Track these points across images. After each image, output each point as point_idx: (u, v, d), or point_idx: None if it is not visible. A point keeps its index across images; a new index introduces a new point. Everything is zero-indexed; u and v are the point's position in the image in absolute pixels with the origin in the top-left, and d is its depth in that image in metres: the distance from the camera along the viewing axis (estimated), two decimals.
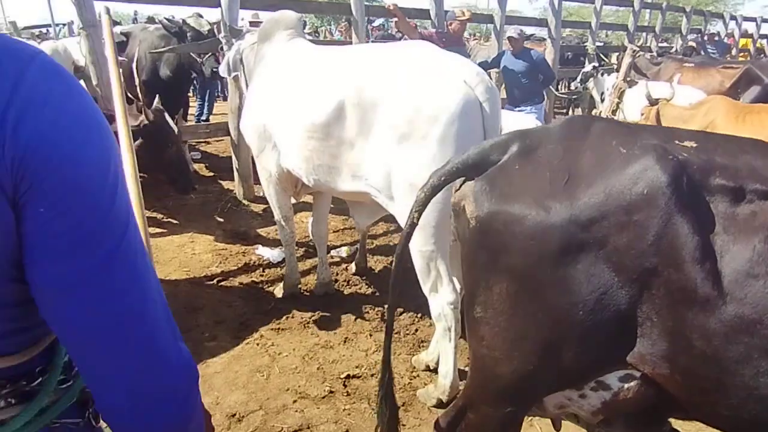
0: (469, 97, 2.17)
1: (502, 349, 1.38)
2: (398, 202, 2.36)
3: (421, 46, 2.45)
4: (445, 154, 2.12)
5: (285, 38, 3.07)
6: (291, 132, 2.71)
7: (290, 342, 3.08)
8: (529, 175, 1.30)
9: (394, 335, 3.16)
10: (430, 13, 6.38)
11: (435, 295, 2.42)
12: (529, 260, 1.27)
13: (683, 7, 11.70)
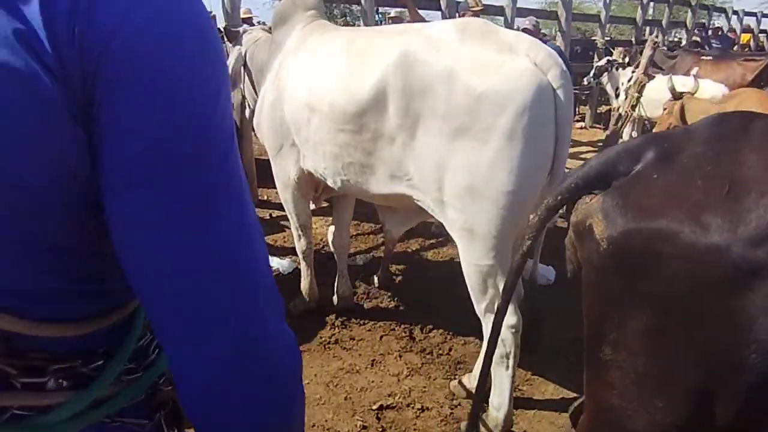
0: (541, 82, 1.78)
1: (638, 400, 1.12)
2: (451, 208, 1.98)
3: (477, 21, 2.04)
4: (513, 151, 1.78)
5: (306, 20, 2.66)
6: (316, 126, 2.31)
7: (311, 366, 2.72)
8: (675, 185, 1.05)
9: (425, 356, 2.84)
10: (440, 3, 6.06)
11: (491, 317, 2.06)
12: (681, 288, 1.00)
13: (689, 1, 11.49)
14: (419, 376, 2.67)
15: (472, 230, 1.94)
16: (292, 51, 2.59)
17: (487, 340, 2.14)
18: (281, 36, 2.74)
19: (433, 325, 3.06)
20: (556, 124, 1.84)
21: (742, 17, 14.60)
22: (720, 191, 0.99)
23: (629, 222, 1.06)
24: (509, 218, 1.88)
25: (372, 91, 2.03)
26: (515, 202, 1.85)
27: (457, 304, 3.17)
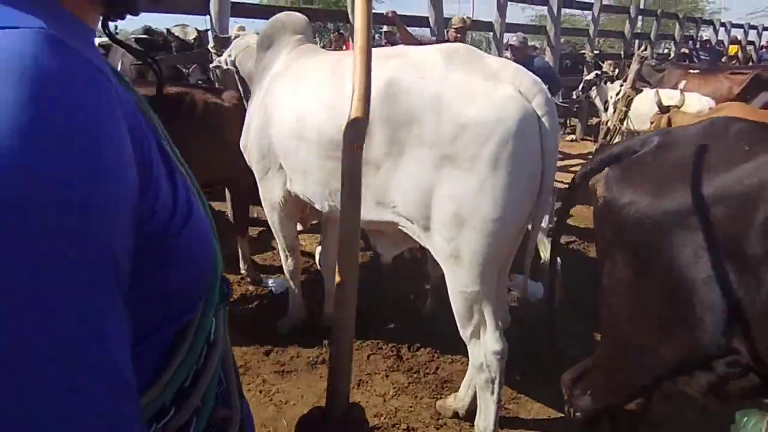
0: (526, 110, 1.78)
1: (625, 315, 1.58)
2: (437, 236, 1.96)
3: (464, 47, 2.04)
4: (498, 180, 1.78)
5: (293, 44, 2.66)
6: (305, 153, 2.31)
7: (297, 387, 2.72)
8: (659, 165, 1.48)
9: (411, 375, 2.84)
10: (429, 20, 6.11)
11: (477, 342, 2.07)
12: (645, 237, 1.43)
13: (676, 14, 11.61)
14: (406, 395, 2.67)
15: (459, 257, 1.93)
16: (279, 75, 2.59)
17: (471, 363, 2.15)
18: (268, 58, 2.74)
19: (420, 344, 3.07)
20: (541, 151, 1.84)
21: (730, 29, 14.76)
22: (687, 172, 1.36)
23: (617, 188, 1.51)
24: (495, 246, 1.88)
25: None
26: (501, 230, 1.85)
27: (444, 324, 3.18)
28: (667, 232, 1.37)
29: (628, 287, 1.52)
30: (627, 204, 1.46)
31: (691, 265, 1.33)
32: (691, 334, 1.38)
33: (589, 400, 1.73)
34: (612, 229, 1.54)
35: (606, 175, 1.58)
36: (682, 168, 1.40)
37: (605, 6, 9.81)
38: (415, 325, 3.22)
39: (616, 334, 1.62)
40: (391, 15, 5.39)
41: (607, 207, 1.54)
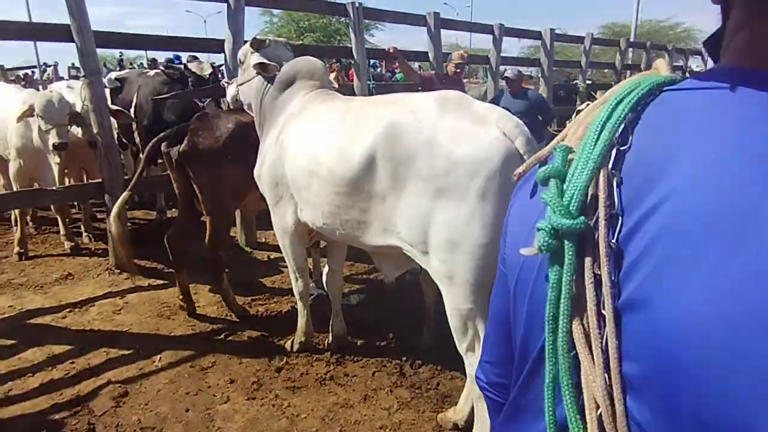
0: (509, 149, 2.05)
1: None
2: (434, 258, 2.23)
3: (454, 95, 2.33)
4: (486, 209, 2.04)
5: (309, 88, 2.94)
6: (316, 189, 2.58)
7: (308, 401, 2.92)
8: None
9: (414, 390, 3.04)
10: (428, 55, 6.43)
11: (472, 355, 2.29)
12: None
13: (665, 45, 12.03)
14: (409, 409, 2.86)
15: (453, 278, 2.18)
16: (294, 115, 2.86)
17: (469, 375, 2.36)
18: (286, 96, 3.00)
19: (422, 361, 3.27)
20: None
21: None
22: None
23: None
24: (485, 267, 2.10)
25: (364, 158, 2.31)
26: (489, 253, 2.08)
27: (444, 342, 3.39)
28: None
29: None
30: None
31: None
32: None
33: None
34: None
35: None
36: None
37: (596, 39, 10.21)
38: (417, 344, 3.42)
39: None
40: (393, 51, 5.71)
41: None
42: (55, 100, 4.34)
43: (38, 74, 15.86)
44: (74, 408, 2.83)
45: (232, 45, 4.50)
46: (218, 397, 2.93)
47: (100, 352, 3.35)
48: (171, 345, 3.44)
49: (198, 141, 3.49)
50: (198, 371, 3.17)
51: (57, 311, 3.89)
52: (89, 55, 3.82)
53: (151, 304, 4.00)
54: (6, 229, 5.66)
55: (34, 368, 3.18)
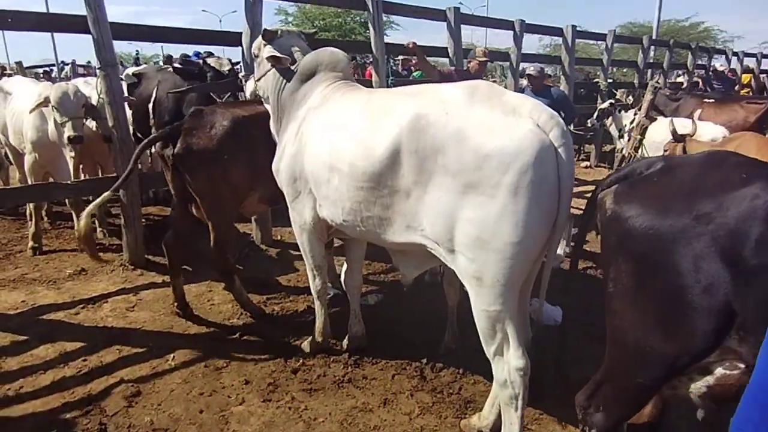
0: (543, 142, 1.92)
1: (629, 320, 1.69)
2: (461, 257, 2.10)
3: (484, 84, 2.21)
4: (518, 206, 1.91)
5: (331, 79, 2.83)
6: (336, 184, 2.47)
7: (325, 405, 2.81)
8: (665, 184, 1.67)
9: (436, 395, 2.91)
10: (448, 51, 6.31)
11: (500, 359, 2.17)
12: (648, 246, 1.59)
13: (689, 44, 11.76)
14: (430, 414, 2.74)
15: (481, 278, 2.06)
16: (315, 108, 2.75)
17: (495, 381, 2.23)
18: (306, 89, 2.89)
19: (443, 364, 3.14)
20: (558, 180, 1.97)
21: (742, 58, 14.88)
22: (687, 191, 1.57)
23: (625, 201, 1.69)
24: (515, 267, 1.99)
25: (389, 152, 2.19)
26: (521, 252, 1.97)
27: (466, 344, 3.26)
28: (670, 242, 1.53)
29: (631, 292, 1.66)
30: (633, 216, 1.64)
31: (691, 272, 1.48)
32: (690, 337, 1.51)
33: (601, 416, 1.83)
34: (617, 238, 1.70)
35: (614, 190, 1.77)
36: (685, 187, 1.59)
37: (618, 36, 10.00)
38: (435, 346, 3.30)
39: (621, 339, 1.73)
40: (412, 46, 5.59)
41: (614, 218, 1.71)
42: (71, 92, 4.29)
43: (56, 72, 15.99)
44: (86, 407, 2.75)
45: (250, 38, 4.40)
46: (233, 399, 2.83)
47: (113, 349, 3.28)
48: (185, 343, 3.36)
49: (192, 141, 3.27)
50: (212, 371, 3.08)
51: (70, 307, 3.82)
52: (105, 46, 3.74)
53: (165, 301, 3.91)
54: (21, 223, 5.63)
55: (46, 365, 3.11)
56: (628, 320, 1.69)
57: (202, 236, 3.72)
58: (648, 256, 1.59)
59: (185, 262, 3.72)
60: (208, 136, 3.29)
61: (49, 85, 4.58)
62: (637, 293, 1.64)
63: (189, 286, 4.20)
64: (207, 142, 3.26)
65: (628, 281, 1.66)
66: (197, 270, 4.53)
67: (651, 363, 1.64)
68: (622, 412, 1.82)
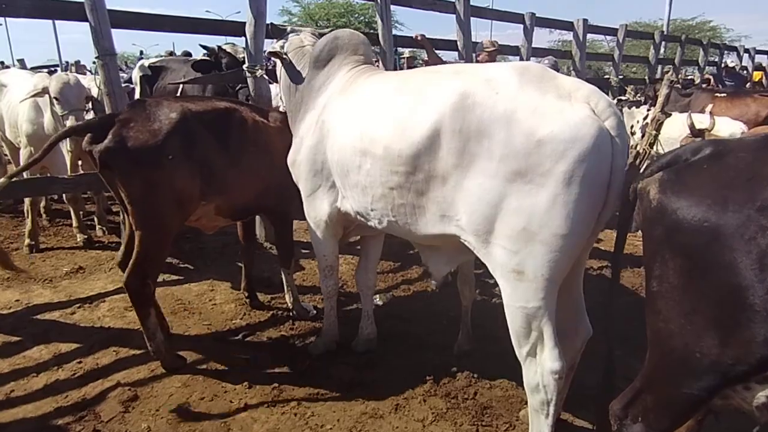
0: (601, 129, 1.77)
1: (676, 322, 1.50)
2: (500, 249, 1.93)
3: (536, 66, 2.03)
4: (570, 196, 1.76)
5: (353, 63, 2.67)
6: (368, 169, 2.30)
7: (333, 411, 2.64)
8: (715, 172, 1.47)
9: (450, 400, 2.74)
10: (457, 44, 6.14)
11: (533, 360, 2.00)
12: (701, 240, 1.41)
13: (700, 40, 11.57)
14: (445, 421, 2.58)
15: (523, 272, 1.90)
16: (338, 93, 2.60)
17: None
18: (324, 75, 2.73)
19: (457, 367, 2.97)
20: (611, 170, 1.82)
21: (754, 55, 14.67)
22: (745, 180, 1.39)
23: (674, 190, 1.51)
24: (561, 260, 1.85)
25: (429, 132, 2.02)
26: (568, 246, 1.83)
27: (481, 346, 3.09)
28: (728, 237, 1.36)
29: (681, 291, 1.49)
30: (684, 207, 1.47)
31: (754, 270, 1.32)
32: (749, 341, 1.34)
33: (640, 428, 1.66)
34: (665, 231, 1.52)
35: (660, 178, 1.58)
36: (743, 175, 1.42)
37: (629, 31, 9.81)
38: (451, 348, 3.13)
39: (665, 343, 1.55)
40: (420, 38, 5.43)
41: (660, 209, 1.54)
42: (72, 83, 4.14)
43: (60, 71, 15.94)
44: (79, 412, 2.59)
45: (254, 28, 4.25)
46: (235, 404, 2.67)
47: (110, 351, 3.12)
48: (185, 345, 3.19)
49: (128, 135, 2.66)
50: (214, 374, 2.92)
51: (66, 306, 3.67)
52: (103, 34, 3.58)
53: (165, 300, 3.75)
54: (19, 221, 5.49)
55: (39, 367, 2.96)
56: (674, 322, 1.50)
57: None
58: (701, 252, 1.42)
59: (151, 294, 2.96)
60: (150, 130, 2.71)
61: (45, 77, 4.43)
62: (687, 292, 1.47)
63: (190, 285, 4.06)
64: (147, 137, 2.68)
65: (677, 279, 1.48)
66: (199, 268, 4.39)
67: (701, 371, 1.46)
68: (664, 424, 1.62)
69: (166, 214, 2.79)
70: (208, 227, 3.32)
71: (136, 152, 2.65)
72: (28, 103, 4.31)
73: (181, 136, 2.76)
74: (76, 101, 4.12)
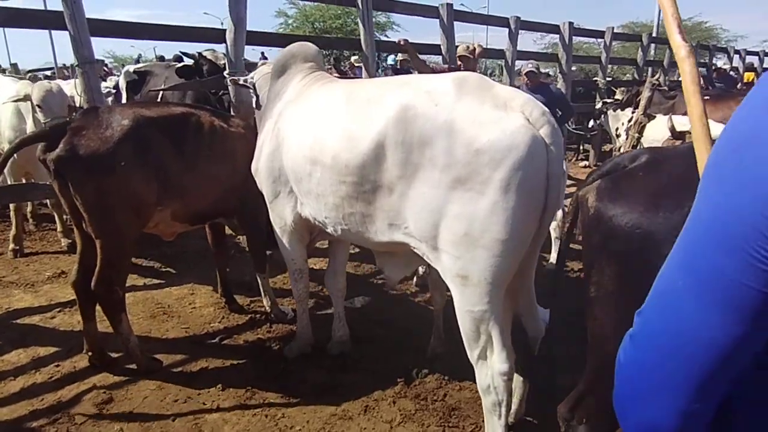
0: (535, 138, 1.84)
1: (611, 326, 1.55)
2: (446, 255, 2.00)
3: (474, 76, 2.10)
4: (508, 202, 1.82)
5: (305, 71, 2.77)
6: (318, 178, 2.36)
7: (303, 413, 2.69)
8: (649, 179, 1.51)
9: (419, 401, 2.79)
10: (441, 48, 6.19)
11: (484, 363, 2.06)
12: (635, 246, 1.44)
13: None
14: (413, 423, 2.62)
15: (467, 276, 1.96)
16: (291, 101, 2.68)
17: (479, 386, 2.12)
18: (280, 85, 2.83)
19: (428, 370, 3.02)
20: (548, 176, 1.89)
21: (744, 56, 14.74)
22: (677, 188, 1.40)
23: (609, 198, 1.54)
24: (503, 265, 1.91)
25: (373, 144, 2.09)
26: (509, 250, 1.89)
27: (452, 349, 3.14)
28: (659, 243, 1.39)
29: (615, 297, 1.53)
30: (618, 214, 1.50)
31: None
32: None
33: (584, 429, 1.71)
34: (601, 238, 1.56)
35: (598, 186, 1.63)
36: (676, 182, 1.46)
37: (617, 34, 9.87)
38: (423, 351, 3.18)
39: (602, 347, 1.60)
40: (404, 43, 5.47)
41: (597, 216, 1.58)
42: (55, 91, 4.18)
43: (56, 75, 15.95)
44: (53, 415, 2.64)
45: (234, 35, 4.31)
46: (208, 405, 2.72)
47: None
48: (162, 348, 3.24)
49: (80, 143, 2.66)
50: (188, 377, 2.97)
51: (46, 311, 3.72)
52: (83, 43, 3.64)
53: (145, 304, 3.80)
54: (6, 225, 5.54)
55: (17, 371, 3.00)
56: (610, 327, 1.55)
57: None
58: (634, 258, 1.46)
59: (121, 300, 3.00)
60: (101, 137, 2.71)
61: (28, 84, 4.47)
62: (621, 297, 1.51)
63: (171, 289, 4.10)
64: (99, 144, 2.68)
65: (611, 285, 1.53)
66: (180, 272, 4.43)
67: None
68: (606, 426, 1.67)
69: (122, 221, 2.79)
70: (166, 233, 3.31)
71: (88, 160, 2.66)
72: (11, 109, 4.35)
73: (134, 142, 2.77)
74: (59, 109, 4.16)
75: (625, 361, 0.71)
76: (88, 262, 2.89)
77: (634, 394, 0.69)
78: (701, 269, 0.61)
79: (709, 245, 0.60)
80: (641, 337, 0.70)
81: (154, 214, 2.98)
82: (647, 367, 0.67)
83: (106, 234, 2.78)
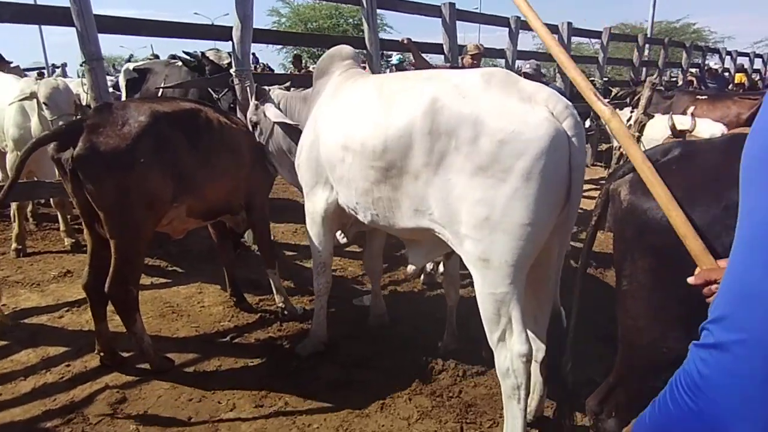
0: (558, 130, 1.92)
1: (644, 319, 1.57)
2: (468, 240, 2.08)
3: (500, 71, 2.18)
4: (528, 191, 1.92)
5: (342, 68, 2.94)
6: (349, 163, 2.50)
7: (320, 410, 2.68)
8: (684, 173, 1.51)
9: (435, 398, 2.79)
10: (443, 47, 6.20)
11: (503, 345, 2.11)
12: (669, 240, 1.41)
13: (683, 42, 11.72)
14: (430, 419, 2.62)
15: (488, 260, 2.04)
16: (329, 96, 2.86)
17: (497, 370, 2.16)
18: (320, 85, 3.03)
19: (442, 366, 3.03)
20: (570, 168, 1.98)
21: (736, 57, 14.91)
22: (713, 180, 1.42)
23: (643, 191, 1.53)
24: (523, 248, 1.99)
25: (401, 132, 2.20)
26: (528, 234, 1.96)
27: (466, 346, 3.15)
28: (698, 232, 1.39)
29: (649, 290, 1.54)
30: (653, 207, 1.50)
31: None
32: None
33: (614, 423, 1.72)
34: (634, 231, 1.58)
35: (631, 179, 1.63)
36: (709, 175, 1.47)
37: (614, 34, 9.94)
38: (436, 347, 3.18)
39: (634, 340, 1.62)
40: (406, 42, 5.49)
41: (630, 209, 1.59)
42: (61, 88, 4.14)
43: (47, 75, 15.82)
44: (68, 415, 2.61)
45: (241, 32, 4.28)
46: (223, 405, 2.70)
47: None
48: (173, 347, 3.22)
49: (99, 141, 2.61)
50: (202, 376, 2.95)
51: (53, 310, 3.67)
52: (90, 39, 3.60)
53: (154, 303, 3.77)
54: (6, 225, 5.47)
55: (27, 371, 2.97)
56: (643, 319, 1.57)
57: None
58: (669, 251, 1.46)
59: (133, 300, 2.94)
60: (120, 134, 2.66)
61: (32, 81, 4.42)
62: (655, 290, 1.53)
63: (179, 288, 4.07)
64: (118, 141, 2.63)
65: (645, 278, 1.55)
66: (188, 271, 4.40)
67: (669, 366, 1.53)
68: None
69: (140, 218, 2.76)
70: (178, 230, 3.26)
71: (108, 157, 2.61)
72: (15, 107, 4.30)
73: (152, 138, 2.74)
74: (66, 106, 4.13)
75: (711, 372, 0.65)
76: (99, 263, 2.85)
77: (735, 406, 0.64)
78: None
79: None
80: (738, 345, 0.66)
81: (169, 210, 2.95)
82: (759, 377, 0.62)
83: (123, 232, 2.73)
